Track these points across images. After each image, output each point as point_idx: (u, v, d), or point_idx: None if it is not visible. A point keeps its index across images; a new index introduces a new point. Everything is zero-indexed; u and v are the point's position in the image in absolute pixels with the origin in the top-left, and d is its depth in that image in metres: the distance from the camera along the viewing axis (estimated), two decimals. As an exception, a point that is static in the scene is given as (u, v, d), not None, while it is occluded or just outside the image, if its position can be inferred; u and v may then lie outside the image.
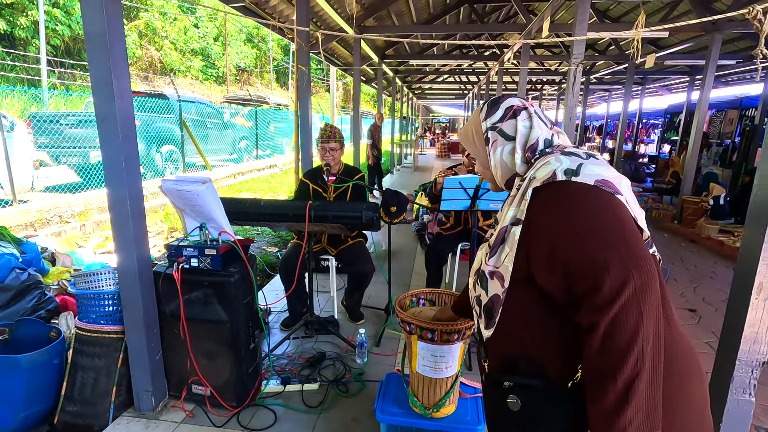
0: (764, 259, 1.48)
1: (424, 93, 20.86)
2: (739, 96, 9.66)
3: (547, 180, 0.85)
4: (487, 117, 1.00)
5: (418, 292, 1.86)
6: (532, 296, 0.88)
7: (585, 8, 3.63)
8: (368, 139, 7.92)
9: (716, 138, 9.97)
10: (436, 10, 8.29)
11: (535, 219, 0.86)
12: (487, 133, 0.99)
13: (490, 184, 1.10)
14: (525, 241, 0.87)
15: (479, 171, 1.06)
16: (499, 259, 0.91)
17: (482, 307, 0.95)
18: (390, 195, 2.70)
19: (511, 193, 0.98)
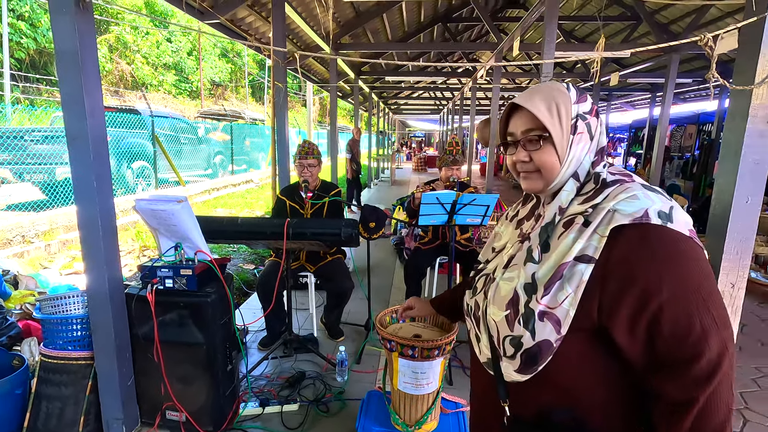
0: (724, 269, 1.57)
1: (399, 108, 21.17)
2: (696, 112, 10.22)
3: (637, 219, 0.71)
4: (578, 102, 0.81)
5: (398, 308, 1.86)
6: (596, 350, 0.75)
7: (552, 31, 3.80)
8: (347, 154, 7.96)
9: (677, 151, 10.48)
10: (411, 29, 8.50)
11: (620, 265, 0.71)
12: (576, 120, 0.81)
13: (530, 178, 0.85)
14: (598, 287, 0.72)
15: (540, 158, 0.81)
16: (556, 298, 0.74)
17: (521, 351, 0.78)
18: (368, 211, 2.72)
19: (560, 212, 0.80)
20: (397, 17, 7.51)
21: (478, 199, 2.52)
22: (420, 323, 1.87)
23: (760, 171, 1.48)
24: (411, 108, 21.58)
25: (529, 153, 0.82)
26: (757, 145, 1.46)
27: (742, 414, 2.40)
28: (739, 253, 1.53)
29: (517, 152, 0.84)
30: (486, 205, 2.55)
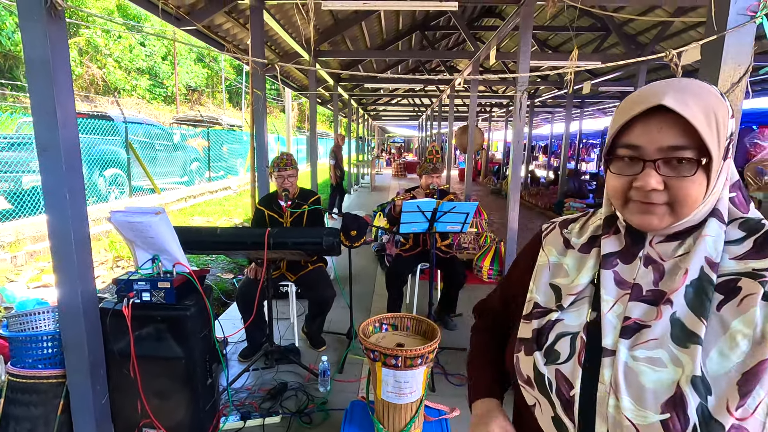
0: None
1: (379, 114, 21.27)
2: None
3: None
4: (733, 115, 0.61)
5: (380, 317, 1.87)
6: None
7: (527, 40, 3.90)
8: (332, 160, 7.99)
9: (647, 157, 10.89)
10: (389, 36, 8.57)
11: None
12: (729, 141, 0.60)
13: (655, 213, 0.60)
14: None
15: (685, 190, 0.58)
16: (747, 407, 0.53)
17: None
18: (350, 219, 2.72)
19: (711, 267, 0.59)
20: (376, 25, 7.56)
21: (458, 207, 2.56)
22: (403, 332, 1.88)
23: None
24: (390, 114, 21.72)
25: (669, 180, 0.58)
26: (719, 156, 1.54)
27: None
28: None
29: (643, 175, 0.59)
30: (465, 212, 2.59)
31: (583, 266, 0.69)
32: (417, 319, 1.88)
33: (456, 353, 2.93)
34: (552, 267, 0.74)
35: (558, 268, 0.73)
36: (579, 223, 0.76)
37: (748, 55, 1.48)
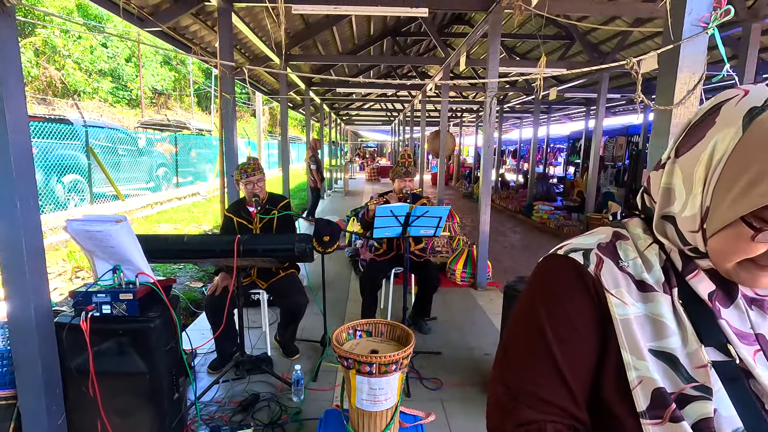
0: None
1: (351, 119, 21.25)
2: (625, 125, 11.12)
3: None
4: None
5: (354, 324, 1.85)
6: None
7: (496, 47, 3.99)
8: (313, 164, 7.93)
9: (610, 160, 11.32)
10: (361, 41, 8.58)
11: None
12: None
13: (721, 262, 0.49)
14: None
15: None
16: None
17: None
18: (322, 225, 2.69)
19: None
20: (347, 30, 7.56)
21: (430, 211, 2.57)
22: (377, 338, 1.86)
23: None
24: (363, 119, 21.74)
25: None
26: (678, 160, 1.61)
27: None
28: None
29: None
30: (438, 216, 2.60)
31: (680, 318, 0.51)
32: (391, 324, 1.87)
33: (431, 357, 2.93)
34: (642, 322, 0.52)
35: (654, 325, 0.52)
36: (623, 249, 0.56)
37: (702, 63, 1.56)
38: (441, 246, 5.45)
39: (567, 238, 0.59)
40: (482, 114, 14.84)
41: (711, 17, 1.51)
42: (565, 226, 7.74)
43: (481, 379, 2.66)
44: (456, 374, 2.73)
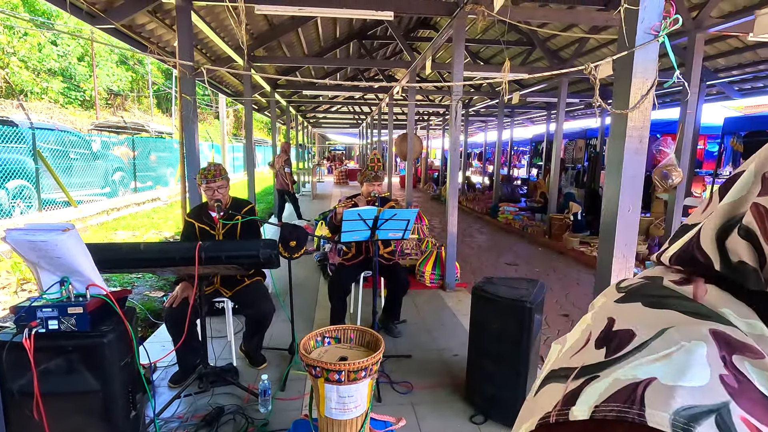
0: (614, 270, 1.76)
1: (319, 122, 21.06)
2: (584, 128, 11.59)
3: None
4: None
5: (322, 330, 1.81)
6: None
7: (460, 52, 4.05)
8: (287, 168, 7.82)
9: (570, 162, 11.76)
10: (327, 44, 8.52)
11: None
12: None
13: None
14: None
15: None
16: None
17: None
18: (288, 230, 2.63)
19: None
20: (313, 32, 7.49)
21: (398, 214, 2.56)
22: (346, 344, 1.83)
23: (636, 184, 1.70)
24: (330, 121, 21.59)
25: None
26: (633, 162, 1.68)
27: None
28: (625, 256, 1.74)
29: None
30: (406, 219, 2.60)
31: None
32: (360, 330, 1.84)
33: (401, 361, 2.92)
34: None
35: None
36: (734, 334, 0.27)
37: (654, 70, 1.63)
38: (410, 248, 5.46)
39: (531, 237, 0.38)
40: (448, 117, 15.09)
41: (661, 26, 1.58)
42: (529, 226, 7.96)
43: (452, 381, 2.67)
44: (426, 377, 2.73)
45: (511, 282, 2.43)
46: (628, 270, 1.75)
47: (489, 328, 2.28)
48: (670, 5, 1.58)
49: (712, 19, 4.45)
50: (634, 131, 1.66)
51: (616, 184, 1.71)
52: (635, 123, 1.65)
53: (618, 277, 1.75)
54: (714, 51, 6.78)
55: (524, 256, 6.47)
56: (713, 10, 5.66)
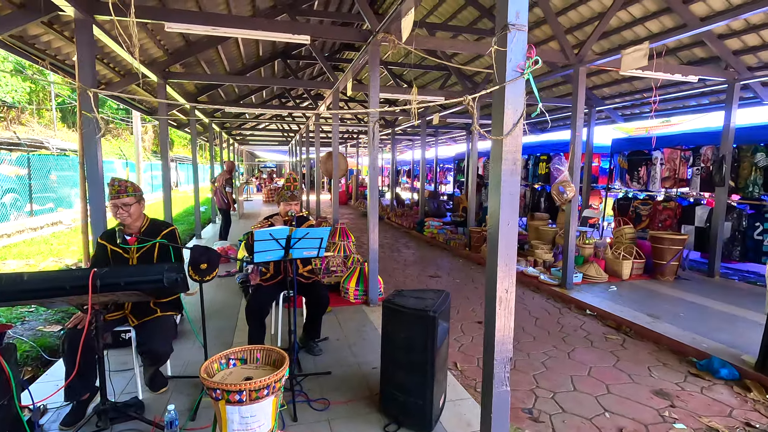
0: (499, 278, 1.96)
1: (246, 139, 20.50)
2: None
3: None
4: None
5: (227, 352, 1.80)
6: None
7: (376, 77, 4.25)
8: (229, 187, 7.60)
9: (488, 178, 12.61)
10: (250, 62, 8.44)
11: None
12: None
13: None
14: None
15: None
16: None
17: None
18: (198, 252, 2.56)
19: None
20: (234, 50, 7.39)
21: (311, 233, 2.62)
22: (252, 364, 1.84)
23: (514, 201, 1.93)
24: (258, 139, 21.11)
25: None
26: (509, 181, 1.91)
27: (534, 392, 2.97)
28: (507, 265, 1.95)
29: None
30: (320, 237, 2.67)
31: None
32: (266, 349, 1.86)
33: (319, 378, 2.94)
34: None
35: None
36: None
37: (522, 102, 1.89)
38: (336, 265, 5.51)
39: (454, 250, 0.46)
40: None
41: (525, 65, 1.85)
42: (452, 239, 8.38)
43: (369, 393, 2.75)
44: (344, 392, 2.78)
45: (419, 294, 2.58)
46: (510, 276, 1.96)
47: (398, 339, 2.40)
48: (531, 48, 1.85)
49: (592, 55, 5.14)
50: (508, 155, 1.89)
51: (497, 201, 1.93)
52: (509, 147, 1.89)
53: (503, 286, 1.95)
54: (600, 81, 7.77)
55: (446, 268, 6.79)
56: (595, 47, 6.52)
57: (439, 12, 7.79)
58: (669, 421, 2.64)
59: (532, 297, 5.24)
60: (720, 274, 6.02)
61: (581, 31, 6.39)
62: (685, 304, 4.75)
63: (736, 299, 4.89)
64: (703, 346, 3.56)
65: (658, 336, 3.85)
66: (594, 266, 5.73)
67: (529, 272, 5.90)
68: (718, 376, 3.16)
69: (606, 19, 4.93)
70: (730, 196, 6.37)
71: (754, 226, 6.03)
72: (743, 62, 5.65)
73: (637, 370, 3.33)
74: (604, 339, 3.94)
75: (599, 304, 4.66)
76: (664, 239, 5.76)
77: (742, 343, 3.59)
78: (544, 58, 5.49)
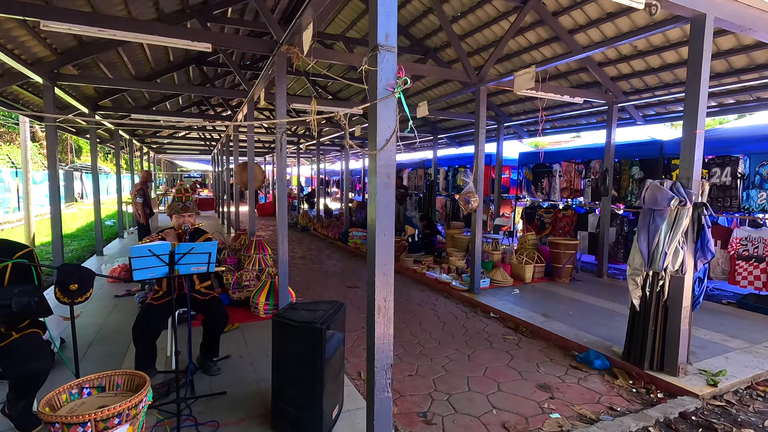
0: (379, 289, 2.03)
1: (163, 148, 19.20)
2: (422, 158, 13.00)
3: None
4: None
5: (80, 381, 1.66)
6: None
7: (282, 88, 4.22)
8: (139, 198, 6.97)
9: (414, 189, 13.01)
10: (160, 66, 7.95)
11: None
12: None
13: None
14: None
15: None
16: None
17: None
18: (66, 272, 2.34)
19: None
20: (139, 53, 6.92)
21: (196, 248, 2.52)
22: (111, 392, 1.72)
23: (389, 212, 2.01)
24: (177, 148, 19.88)
25: None
26: (384, 194, 1.99)
27: (431, 396, 3.09)
28: (385, 274, 2.03)
29: None
30: (207, 252, 2.57)
31: None
32: (129, 374, 1.75)
33: (213, 399, 2.81)
34: None
35: None
36: None
37: (394, 119, 1.99)
38: (249, 280, 5.32)
39: None
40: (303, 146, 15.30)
41: (396, 84, 1.95)
42: (375, 249, 8.49)
43: (265, 411, 2.67)
44: (238, 411, 2.68)
45: (312, 306, 2.58)
46: (389, 287, 2.04)
47: (288, 353, 2.37)
48: (400, 69, 1.96)
49: (493, 75, 5.56)
50: (383, 169, 1.98)
51: (374, 213, 2.00)
52: (383, 162, 1.98)
53: (380, 293, 2.02)
54: (507, 99, 8.41)
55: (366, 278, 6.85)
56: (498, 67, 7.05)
57: (337, 21, 7.99)
58: (547, 412, 2.88)
59: (444, 303, 5.46)
60: (608, 275, 6.73)
61: (487, 52, 6.89)
62: (575, 303, 5.24)
63: (618, 296, 5.49)
64: (584, 340, 3.95)
65: (548, 334, 4.20)
66: (500, 271, 6.12)
67: (442, 279, 6.15)
68: (593, 367, 3.52)
69: (502, 44, 5.37)
70: (619, 205, 7.18)
71: (634, 230, 6.84)
72: (619, 87, 6.45)
73: (527, 366, 3.60)
74: (503, 339, 4.22)
75: (502, 307, 4.98)
76: (560, 244, 6.33)
77: (615, 336, 4.03)
78: (452, 77, 5.83)
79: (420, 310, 5.13)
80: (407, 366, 3.56)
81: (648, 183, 3.33)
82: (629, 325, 3.49)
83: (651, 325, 3.27)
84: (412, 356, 3.77)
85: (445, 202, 11.18)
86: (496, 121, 8.91)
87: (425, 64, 7.61)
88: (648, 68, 5.94)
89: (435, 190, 11.01)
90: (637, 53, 5.75)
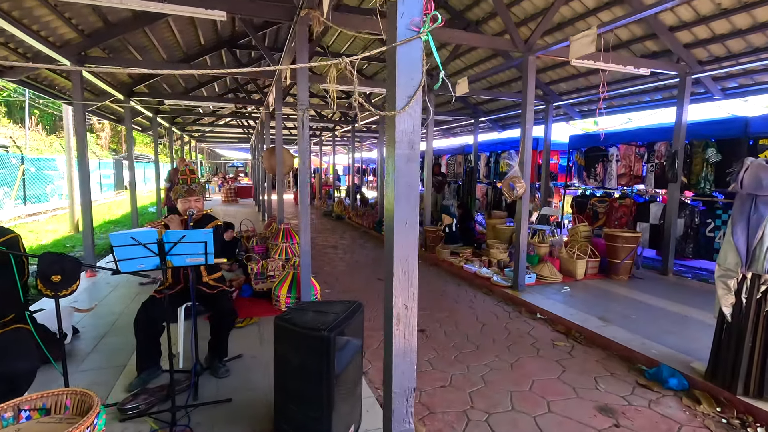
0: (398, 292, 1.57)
1: (204, 136, 19.56)
2: (462, 144, 12.29)
3: None
4: None
5: (17, 401, 1.33)
6: None
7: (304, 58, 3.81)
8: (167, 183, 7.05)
9: (452, 177, 12.35)
10: (192, 51, 7.81)
11: None
12: None
13: None
14: None
15: None
16: None
17: None
18: (47, 261, 2.06)
19: None
20: (168, 36, 6.76)
21: (188, 236, 2.16)
22: (57, 415, 1.38)
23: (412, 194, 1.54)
24: (217, 136, 20.19)
25: None
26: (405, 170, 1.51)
27: (467, 414, 2.61)
28: (407, 274, 1.56)
29: None
30: (203, 241, 2.21)
31: None
32: (81, 394, 1.40)
33: (215, 408, 2.48)
34: None
35: None
36: None
37: (419, 69, 1.50)
38: (274, 270, 5.03)
39: None
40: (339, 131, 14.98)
41: (422, 21, 1.47)
42: (410, 239, 8.03)
43: (270, 425, 2.31)
44: (240, 424, 2.33)
45: (324, 306, 2.17)
46: (412, 289, 1.58)
47: (291, 364, 1.98)
48: (429, 2, 1.47)
49: (540, 46, 4.87)
50: (403, 135, 1.50)
51: (392, 195, 1.53)
52: (404, 127, 1.50)
53: (400, 298, 1.56)
54: (557, 77, 7.59)
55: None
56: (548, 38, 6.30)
57: None
58: (611, 445, 2.33)
59: (483, 300, 4.92)
60: (674, 272, 5.90)
61: (535, 22, 6.15)
62: (637, 304, 4.54)
63: (689, 298, 4.73)
64: (653, 352, 3.31)
65: (607, 341, 3.59)
66: (548, 266, 5.48)
67: (482, 273, 5.60)
68: (667, 386, 2.90)
69: (555, 7, 4.67)
70: (684, 193, 6.28)
71: (706, 222, 5.94)
72: (694, 56, 5.53)
73: (583, 381, 3.03)
74: (552, 346, 3.65)
75: (550, 307, 4.38)
76: (618, 237, 5.58)
77: (693, 348, 3.36)
78: (497, 47, 5.17)
79: (456, 307, 4.63)
80: (439, 375, 3.10)
81: (748, 162, 2.64)
82: (716, 338, 2.83)
83: (748, 341, 2.61)
84: (446, 362, 3.29)
85: (486, 189, 10.48)
86: (545, 101, 8.10)
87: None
88: (733, 30, 5.01)
89: (475, 176, 10.33)
90: (720, 12, 4.84)
